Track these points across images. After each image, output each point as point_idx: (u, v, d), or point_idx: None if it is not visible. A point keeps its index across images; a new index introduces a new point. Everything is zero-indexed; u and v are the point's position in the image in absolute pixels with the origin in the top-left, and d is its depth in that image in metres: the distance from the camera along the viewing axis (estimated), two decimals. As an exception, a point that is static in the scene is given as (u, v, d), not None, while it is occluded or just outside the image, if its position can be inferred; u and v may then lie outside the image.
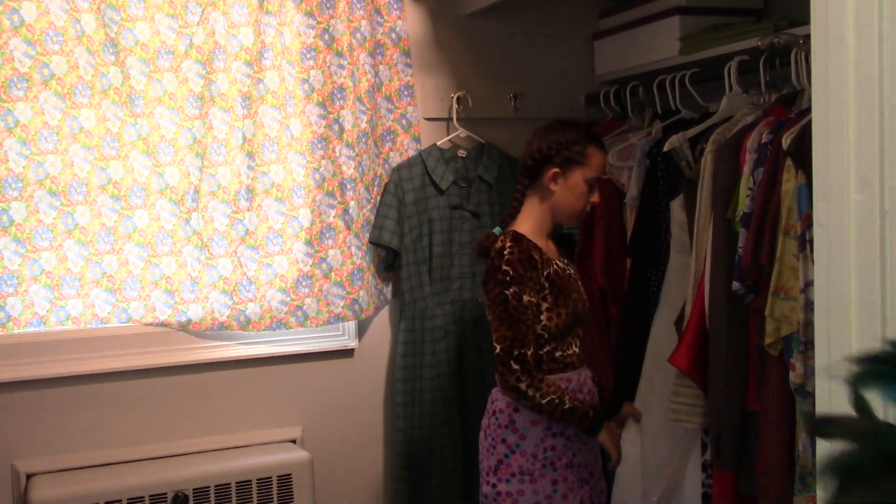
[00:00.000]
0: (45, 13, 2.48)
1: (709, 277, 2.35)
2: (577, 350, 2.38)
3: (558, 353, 2.32)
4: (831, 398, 1.12)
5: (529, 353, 2.25)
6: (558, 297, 2.31)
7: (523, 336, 2.24)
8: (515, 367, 2.23)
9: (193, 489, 2.62)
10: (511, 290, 2.24)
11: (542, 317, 2.28)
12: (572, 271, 2.44)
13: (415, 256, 2.92)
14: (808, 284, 2.02)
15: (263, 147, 2.75)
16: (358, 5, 2.83)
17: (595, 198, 2.38)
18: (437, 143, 2.99)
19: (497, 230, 2.36)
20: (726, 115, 2.47)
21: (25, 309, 2.52)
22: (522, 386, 2.23)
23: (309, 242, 2.81)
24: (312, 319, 2.83)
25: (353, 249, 2.86)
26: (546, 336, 2.30)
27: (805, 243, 2.03)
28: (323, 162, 2.80)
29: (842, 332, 1.10)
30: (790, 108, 2.32)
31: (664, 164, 2.58)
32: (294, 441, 2.91)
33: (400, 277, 2.94)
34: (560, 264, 2.38)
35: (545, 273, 2.30)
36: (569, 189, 2.34)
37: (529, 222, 2.37)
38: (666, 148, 2.51)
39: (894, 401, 0.94)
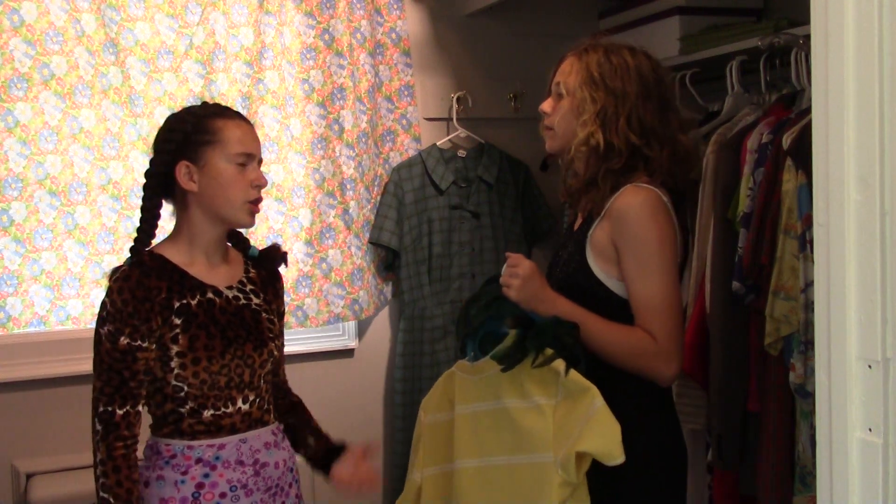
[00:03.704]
0: (45, 13, 2.48)
1: (709, 277, 2.35)
2: (244, 408, 1.86)
3: (207, 413, 1.82)
4: (831, 398, 1.12)
5: (121, 413, 1.75)
6: (198, 339, 1.81)
7: (114, 389, 1.75)
8: (98, 427, 1.75)
9: (193, 489, 2.62)
10: (106, 328, 1.76)
11: (174, 364, 1.79)
12: (258, 301, 1.92)
13: (414, 256, 2.92)
14: (809, 284, 2.02)
15: (263, 147, 2.74)
16: (358, 5, 2.83)
17: (257, 178, 1.85)
18: (437, 143, 2.99)
19: (128, 260, 1.86)
20: (731, 114, 2.47)
21: (25, 309, 2.52)
22: (97, 456, 1.75)
23: (309, 242, 2.81)
24: (312, 319, 2.82)
25: (353, 249, 2.86)
26: (185, 390, 1.80)
27: (805, 243, 2.03)
28: (323, 162, 2.80)
29: (841, 332, 1.10)
30: (790, 108, 2.32)
31: None
32: (294, 441, 2.90)
33: (399, 277, 2.94)
34: (229, 293, 1.88)
35: (177, 305, 1.80)
36: (212, 180, 1.82)
37: (178, 241, 1.88)
38: None
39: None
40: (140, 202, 1.79)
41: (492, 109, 3.11)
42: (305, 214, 2.80)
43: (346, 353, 2.99)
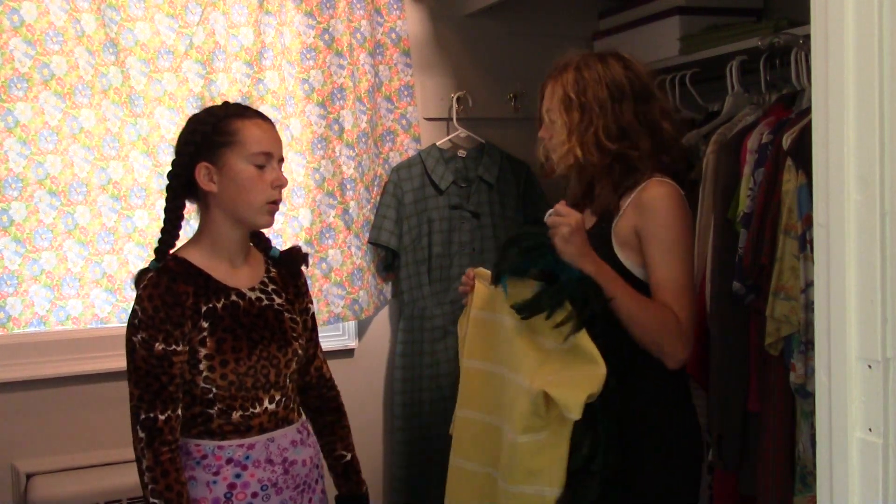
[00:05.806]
0: (45, 13, 2.48)
1: (709, 277, 2.35)
2: (271, 407, 1.88)
3: (236, 414, 1.84)
4: (831, 398, 1.12)
5: (163, 417, 1.77)
6: (224, 341, 1.83)
7: (154, 395, 1.77)
8: (141, 434, 1.77)
9: (193, 489, 2.62)
10: (139, 335, 1.77)
11: (202, 366, 1.80)
12: (280, 301, 1.95)
13: (414, 256, 2.92)
14: (809, 285, 2.02)
15: (263, 147, 2.74)
16: (358, 5, 2.83)
17: (277, 178, 1.85)
18: (437, 143, 2.99)
19: (153, 263, 1.88)
20: (731, 114, 2.47)
21: (25, 309, 2.52)
22: (143, 463, 1.77)
23: (309, 242, 2.81)
24: (312, 319, 2.83)
25: (352, 249, 2.86)
26: (213, 391, 1.82)
27: (805, 243, 2.03)
28: (323, 162, 2.80)
29: (842, 332, 1.10)
30: (790, 108, 2.32)
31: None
32: (294, 441, 2.90)
33: (399, 277, 2.94)
34: (252, 295, 1.90)
35: (204, 309, 1.82)
36: (231, 181, 1.82)
37: (200, 243, 1.89)
38: None
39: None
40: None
41: (492, 109, 3.11)
42: (305, 214, 2.80)
43: (346, 353, 2.99)
